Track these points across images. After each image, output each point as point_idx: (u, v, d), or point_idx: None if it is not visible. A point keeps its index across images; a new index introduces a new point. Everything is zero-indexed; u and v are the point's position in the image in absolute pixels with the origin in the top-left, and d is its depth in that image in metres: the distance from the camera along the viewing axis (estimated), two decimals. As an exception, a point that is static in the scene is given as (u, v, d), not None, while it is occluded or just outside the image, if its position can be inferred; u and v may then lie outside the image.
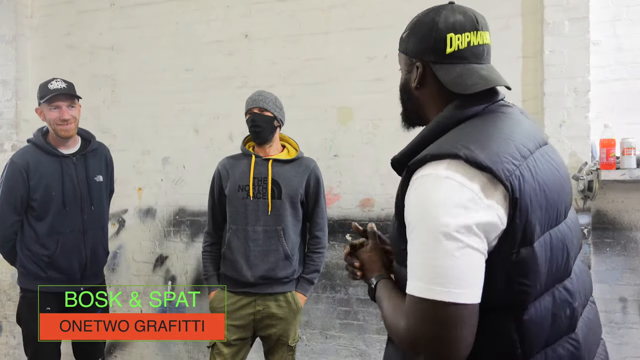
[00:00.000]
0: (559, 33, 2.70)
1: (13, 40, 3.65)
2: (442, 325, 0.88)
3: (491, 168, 0.90)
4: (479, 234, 0.88)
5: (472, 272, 0.88)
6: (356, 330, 3.10)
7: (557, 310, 0.98)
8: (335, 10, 3.14)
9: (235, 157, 2.50)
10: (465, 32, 1.05)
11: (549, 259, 0.96)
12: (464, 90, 1.03)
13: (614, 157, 2.55)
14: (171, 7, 3.46)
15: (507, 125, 1.01)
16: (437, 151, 0.95)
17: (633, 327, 2.70)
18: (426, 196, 0.92)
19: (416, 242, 0.92)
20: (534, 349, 0.95)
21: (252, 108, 2.39)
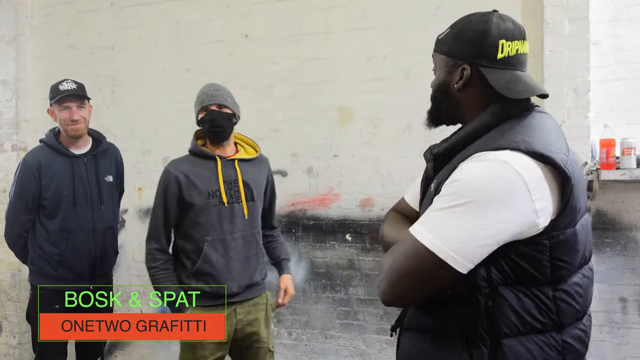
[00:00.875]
0: (559, 33, 2.70)
1: (13, 40, 3.65)
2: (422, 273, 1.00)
3: (551, 157, 0.99)
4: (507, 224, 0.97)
5: (478, 251, 0.98)
6: (356, 330, 3.10)
7: (585, 287, 1.10)
8: (335, 10, 3.14)
9: (191, 161, 2.20)
10: (515, 40, 1.11)
11: (585, 241, 1.09)
12: (515, 95, 1.09)
13: (614, 157, 2.55)
14: (171, 7, 3.46)
15: (549, 124, 1.11)
16: (496, 144, 1.03)
17: (633, 327, 2.70)
18: (478, 170, 1.00)
19: (446, 199, 1.01)
20: (567, 320, 1.05)
21: (210, 105, 2.15)
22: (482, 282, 1.02)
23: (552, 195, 1.00)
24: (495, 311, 1.02)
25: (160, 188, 2.16)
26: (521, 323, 1.02)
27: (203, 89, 2.22)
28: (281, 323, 3.25)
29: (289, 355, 3.23)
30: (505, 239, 0.98)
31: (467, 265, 0.98)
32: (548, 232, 1.00)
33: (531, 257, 1.01)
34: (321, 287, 3.17)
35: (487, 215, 0.96)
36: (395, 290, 1.04)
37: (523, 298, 1.02)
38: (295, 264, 3.20)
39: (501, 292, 1.02)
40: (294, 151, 3.22)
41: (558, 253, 1.02)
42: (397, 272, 1.03)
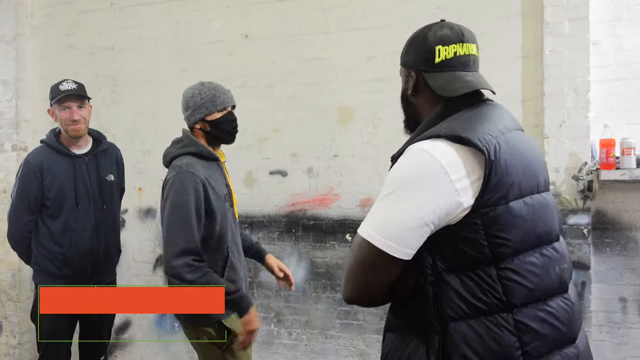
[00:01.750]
0: (559, 33, 2.70)
1: (13, 40, 3.65)
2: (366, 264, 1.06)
3: (468, 138, 1.05)
4: (430, 205, 1.03)
5: (409, 234, 1.04)
6: (356, 330, 3.10)
7: (545, 266, 1.11)
8: (335, 10, 3.14)
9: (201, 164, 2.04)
10: (452, 44, 1.20)
11: (533, 219, 1.10)
12: (450, 94, 1.17)
13: (613, 157, 2.55)
14: (171, 7, 3.46)
15: (486, 111, 1.17)
16: (422, 136, 1.13)
17: (633, 327, 2.70)
18: (401, 162, 1.11)
19: (381, 194, 1.10)
20: (518, 299, 1.06)
21: (228, 105, 2.10)
22: (428, 269, 1.08)
23: (475, 173, 1.05)
24: (442, 297, 1.06)
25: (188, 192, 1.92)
26: (466, 305, 1.05)
27: (218, 88, 2.10)
28: (281, 323, 3.25)
29: (289, 355, 3.23)
30: (434, 220, 1.04)
31: (403, 250, 1.04)
32: (476, 209, 1.04)
33: (467, 239, 1.05)
34: (321, 287, 3.17)
35: (410, 199, 1.04)
36: (349, 286, 1.10)
37: (467, 281, 1.05)
38: (295, 264, 3.20)
39: (445, 278, 1.06)
40: (294, 151, 3.22)
41: (493, 230, 1.05)
42: (348, 267, 1.10)
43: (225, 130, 2.11)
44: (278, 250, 3.24)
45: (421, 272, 1.08)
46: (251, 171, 3.31)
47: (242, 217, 3.33)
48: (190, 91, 2.14)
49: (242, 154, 3.31)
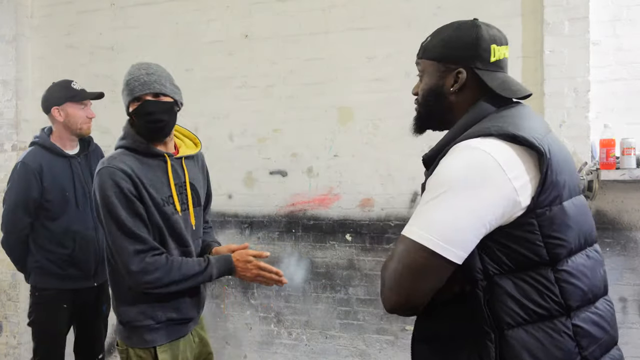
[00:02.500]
0: (559, 33, 2.70)
1: (13, 40, 3.65)
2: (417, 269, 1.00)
3: (523, 136, 1.02)
4: (488, 204, 0.99)
5: (465, 235, 0.99)
6: (356, 330, 3.10)
7: (593, 268, 1.09)
8: (335, 10, 3.14)
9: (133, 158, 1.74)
10: (502, 45, 1.19)
11: (579, 220, 1.08)
12: (512, 95, 1.15)
13: (613, 157, 2.55)
14: (171, 7, 3.46)
15: (524, 112, 1.15)
16: (468, 135, 1.08)
17: (633, 327, 2.70)
18: (452, 160, 1.05)
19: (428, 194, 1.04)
20: (575, 301, 1.03)
21: (143, 94, 1.72)
22: (478, 274, 1.02)
23: (530, 172, 1.02)
24: (495, 303, 1.01)
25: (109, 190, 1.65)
26: (524, 311, 1.00)
27: (132, 72, 1.75)
28: (281, 323, 3.25)
29: (289, 355, 3.23)
30: (491, 221, 0.99)
31: (458, 253, 0.99)
32: (533, 209, 1.01)
33: (523, 239, 1.01)
34: (321, 287, 3.17)
35: (468, 199, 0.99)
36: (394, 291, 1.03)
37: (522, 284, 1.01)
38: (295, 264, 3.20)
39: (498, 282, 1.01)
40: (294, 151, 3.22)
41: (549, 230, 1.02)
42: (393, 273, 1.02)
43: (142, 124, 1.74)
44: (278, 250, 3.25)
45: (469, 277, 1.03)
46: (251, 171, 3.31)
47: (242, 217, 3.33)
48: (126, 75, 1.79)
49: (242, 154, 3.31)
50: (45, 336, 2.55)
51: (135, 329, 1.74)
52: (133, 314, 1.74)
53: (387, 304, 1.04)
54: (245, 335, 3.32)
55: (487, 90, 1.15)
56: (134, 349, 1.75)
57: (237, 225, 3.34)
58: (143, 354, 1.74)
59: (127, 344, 1.76)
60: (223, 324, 3.37)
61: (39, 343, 2.57)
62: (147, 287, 1.67)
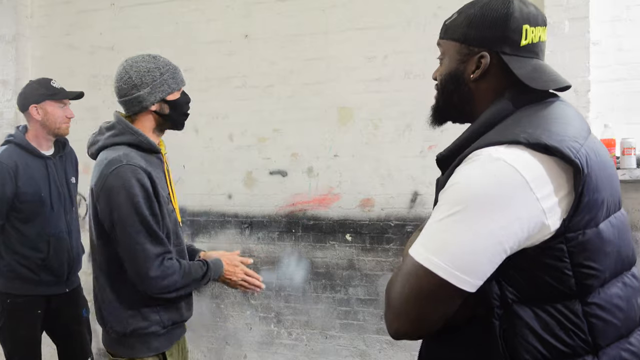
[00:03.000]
0: (559, 33, 2.70)
1: (13, 40, 3.65)
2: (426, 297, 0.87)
3: (557, 147, 0.86)
4: (510, 228, 0.84)
5: (482, 263, 0.85)
6: (356, 330, 3.10)
7: (629, 298, 0.94)
8: (335, 10, 3.14)
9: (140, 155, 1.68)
10: (538, 26, 1.01)
11: (618, 243, 0.93)
12: (542, 87, 0.99)
13: (614, 157, 2.55)
14: (171, 7, 3.46)
15: (562, 111, 0.99)
16: (492, 139, 0.91)
17: (633, 327, 2.70)
18: (471, 172, 0.89)
19: (441, 210, 0.90)
20: (606, 339, 0.90)
21: (183, 85, 1.78)
22: (495, 300, 0.89)
23: (562, 190, 0.87)
24: (512, 334, 0.88)
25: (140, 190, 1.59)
26: (544, 347, 0.87)
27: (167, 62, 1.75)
28: (281, 323, 3.25)
29: (289, 355, 3.23)
30: (512, 246, 0.86)
31: (473, 282, 0.86)
32: (563, 234, 0.86)
33: (548, 266, 0.87)
34: (321, 287, 3.17)
35: (487, 222, 0.84)
36: (400, 319, 0.90)
37: (544, 316, 0.87)
38: (295, 264, 3.21)
39: (517, 311, 0.88)
40: (294, 151, 3.22)
41: (581, 258, 0.87)
42: (399, 299, 0.90)
43: (181, 113, 1.79)
44: (278, 250, 3.25)
45: (485, 302, 0.90)
46: (251, 171, 3.31)
47: (242, 217, 3.33)
48: (142, 64, 1.72)
49: (242, 154, 3.31)
50: (19, 344, 2.45)
51: (141, 337, 1.67)
52: (138, 322, 1.66)
53: (392, 330, 0.92)
54: (245, 335, 3.32)
55: (515, 80, 0.98)
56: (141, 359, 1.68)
57: (237, 225, 3.34)
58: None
59: (131, 355, 1.68)
60: (223, 324, 3.37)
61: (12, 353, 2.46)
62: (162, 291, 1.62)
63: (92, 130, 3.25)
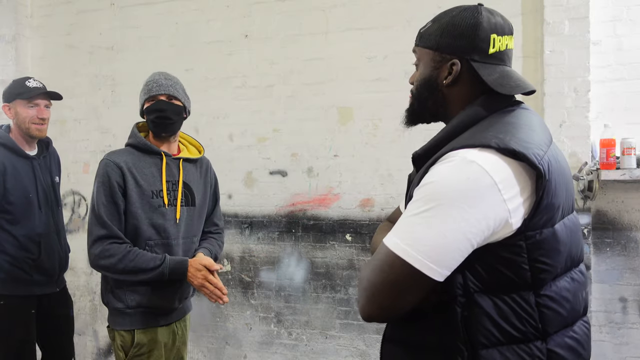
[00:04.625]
0: (559, 33, 2.70)
1: (13, 40, 3.65)
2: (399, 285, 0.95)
3: (524, 153, 0.94)
4: (478, 225, 0.93)
5: (452, 256, 0.93)
6: (356, 330, 3.10)
7: (575, 291, 1.05)
8: (335, 10, 3.14)
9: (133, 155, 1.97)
10: (505, 35, 1.09)
11: (569, 242, 1.03)
12: (508, 91, 1.06)
13: (614, 157, 2.55)
14: (171, 7, 3.46)
15: (528, 118, 1.07)
16: (466, 142, 0.99)
17: (633, 327, 2.70)
18: (446, 172, 0.96)
19: (416, 205, 0.97)
20: (554, 326, 1.00)
21: (158, 95, 1.96)
22: (458, 289, 0.97)
23: (525, 192, 0.96)
24: (472, 320, 0.97)
25: (99, 179, 1.89)
26: (500, 332, 0.97)
27: (152, 77, 2.03)
28: (281, 323, 3.25)
29: (289, 355, 3.23)
30: (479, 241, 0.94)
31: (442, 272, 0.94)
32: (523, 232, 0.95)
33: (508, 260, 0.96)
34: (321, 287, 3.17)
35: (457, 219, 0.92)
36: (373, 304, 0.98)
37: (501, 305, 0.97)
38: (295, 264, 3.21)
39: (477, 300, 0.97)
40: (294, 151, 3.22)
41: (536, 254, 0.97)
42: (373, 285, 0.97)
43: (151, 119, 1.97)
44: (278, 250, 3.25)
45: (449, 291, 0.98)
46: (251, 171, 3.31)
47: (242, 217, 3.33)
48: None
49: (242, 154, 3.31)
50: (12, 347, 2.43)
51: (114, 311, 1.96)
52: (110, 298, 1.96)
53: (365, 314, 1.00)
54: (245, 335, 3.32)
55: (485, 86, 1.07)
56: (119, 331, 1.96)
57: (237, 225, 3.34)
58: (125, 334, 1.95)
59: (112, 326, 1.99)
60: (223, 324, 3.37)
61: (5, 355, 2.42)
62: (101, 270, 1.91)
63: (92, 130, 3.25)
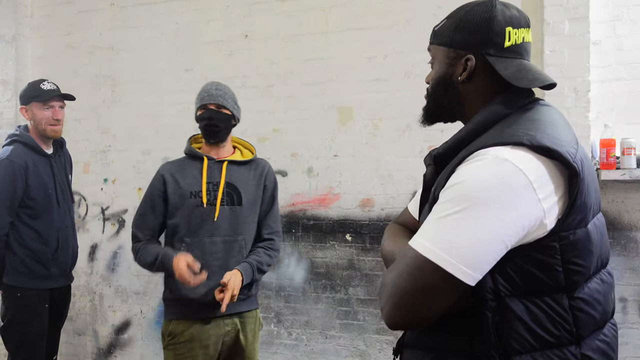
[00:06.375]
0: (559, 33, 2.70)
1: (13, 40, 3.65)
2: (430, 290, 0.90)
3: (558, 151, 0.91)
4: (513, 227, 0.89)
5: (486, 259, 0.89)
6: (356, 330, 3.10)
7: (605, 293, 1.01)
8: (335, 10, 3.14)
9: (181, 162, 2.21)
10: (521, 27, 1.07)
11: (600, 242, 1.00)
12: (527, 85, 1.03)
13: (614, 157, 2.55)
14: (171, 7, 3.46)
15: (555, 116, 1.04)
16: (497, 139, 0.94)
17: (633, 327, 2.70)
18: (478, 171, 0.92)
19: (446, 206, 0.92)
20: (587, 330, 0.96)
21: (208, 103, 2.12)
22: (488, 293, 0.93)
23: (559, 192, 0.92)
24: (504, 325, 0.92)
25: (149, 187, 2.21)
26: (533, 337, 0.92)
27: (204, 87, 2.19)
28: (281, 323, 3.25)
29: (289, 355, 3.23)
30: (513, 243, 0.90)
31: (476, 276, 0.89)
32: (556, 232, 0.91)
33: (541, 262, 0.92)
34: (321, 287, 3.17)
35: (491, 220, 0.88)
36: (401, 311, 0.93)
37: (534, 309, 0.92)
38: (295, 264, 3.21)
39: (509, 304, 0.92)
40: (294, 151, 3.22)
41: (570, 256, 0.93)
42: (402, 290, 0.92)
43: (202, 126, 2.16)
44: (278, 250, 3.25)
45: (478, 294, 0.93)
46: (251, 171, 3.31)
47: (242, 217, 3.33)
48: None
49: (242, 154, 3.31)
50: (25, 340, 2.48)
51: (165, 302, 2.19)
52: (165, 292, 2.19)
53: (390, 321, 0.95)
54: (245, 335, 3.32)
55: (502, 82, 1.03)
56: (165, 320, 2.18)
57: (237, 225, 3.34)
58: (166, 323, 2.15)
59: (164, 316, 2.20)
60: (223, 324, 3.36)
61: (18, 347, 2.48)
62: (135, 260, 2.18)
63: (92, 130, 3.24)
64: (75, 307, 3.58)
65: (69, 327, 3.55)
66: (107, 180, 3.62)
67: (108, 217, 3.62)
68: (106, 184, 3.62)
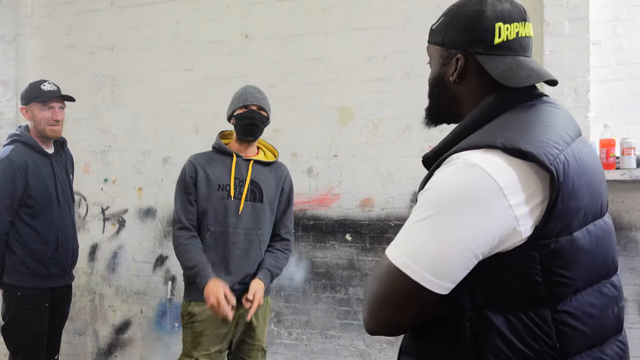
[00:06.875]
0: (559, 33, 2.70)
1: (13, 40, 3.65)
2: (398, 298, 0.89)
3: (532, 153, 0.84)
4: (483, 234, 0.84)
5: (454, 268, 0.86)
6: (356, 330, 3.10)
7: (604, 306, 0.93)
8: (335, 10, 3.15)
9: (209, 155, 2.34)
10: (514, 22, 1.00)
11: (595, 250, 0.92)
12: (516, 84, 0.96)
13: (613, 157, 2.55)
14: (171, 7, 3.46)
15: (547, 113, 0.98)
16: (471, 143, 0.90)
17: (633, 327, 2.70)
18: (446, 177, 0.89)
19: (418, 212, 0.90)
20: (575, 346, 0.89)
21: (251, 105, 2.27)
22: (466, 302, 0.89)
23: (537, 197, 0.86)
24: (482, 339, 0.88)
25: (181, 175, 2.30)
26: (511, 351, 0.87)
27: (246, 89, 2.33)
28: (281, 323, 3.25)
29: (289, 355, 3.23)
30: (484, 252, 0.86)
31: (445, 285, 0.86)
32: (534, 240, 0.85)
33: (519, 272, 0.87)
34: (321, 287, 3.17)
35: (458, 226, 0.84)
36: (375, 318, 0.92)
37: (514, 321, 0.87)
38: (295, 264, 3.21)
39: (488, 315, 0.88)
40: (294, 151, 3.22)
41: (552, 266, 0.86)
42: (374, 298, 0.92)
43: (243, 124, 2.28)
44: (278, 250, 3.25)
45: (457, 303, 0.90)
46: (251, 171, 3.31)
47: (242, 217, 3.33)
48: None
49: (242, 154, 3.32)
50: (26, 339, 2.49)
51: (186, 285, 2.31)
52: None
53: (368, 327, 0.95)
54: (245, 335, 3.32)
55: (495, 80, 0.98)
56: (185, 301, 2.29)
57: (237, 225, 3.34)
58: (185, 304, 2.28)
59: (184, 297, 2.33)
60: (223, 324, 3.37)
61: (19, 346, 2.50)
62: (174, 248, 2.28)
63: (92, 130, 3.24)
64: (75, 307, 3.58)
65: (69, 327, 3.55)
66: (107, 180, 3.62)
67: (108, 217, 3.62)
68: (106, 184, 3.62)
